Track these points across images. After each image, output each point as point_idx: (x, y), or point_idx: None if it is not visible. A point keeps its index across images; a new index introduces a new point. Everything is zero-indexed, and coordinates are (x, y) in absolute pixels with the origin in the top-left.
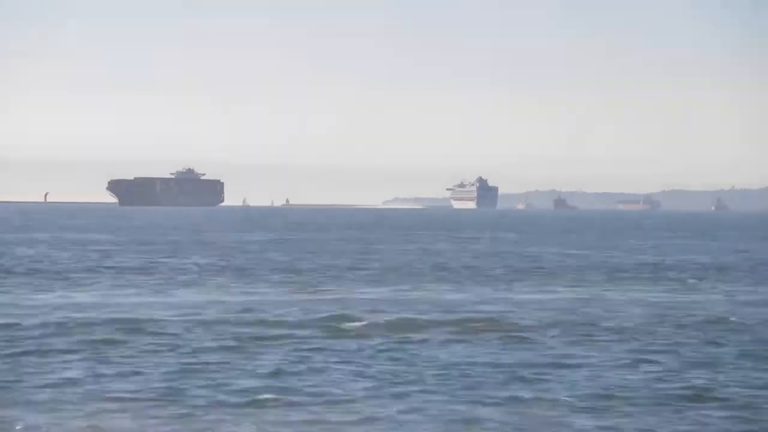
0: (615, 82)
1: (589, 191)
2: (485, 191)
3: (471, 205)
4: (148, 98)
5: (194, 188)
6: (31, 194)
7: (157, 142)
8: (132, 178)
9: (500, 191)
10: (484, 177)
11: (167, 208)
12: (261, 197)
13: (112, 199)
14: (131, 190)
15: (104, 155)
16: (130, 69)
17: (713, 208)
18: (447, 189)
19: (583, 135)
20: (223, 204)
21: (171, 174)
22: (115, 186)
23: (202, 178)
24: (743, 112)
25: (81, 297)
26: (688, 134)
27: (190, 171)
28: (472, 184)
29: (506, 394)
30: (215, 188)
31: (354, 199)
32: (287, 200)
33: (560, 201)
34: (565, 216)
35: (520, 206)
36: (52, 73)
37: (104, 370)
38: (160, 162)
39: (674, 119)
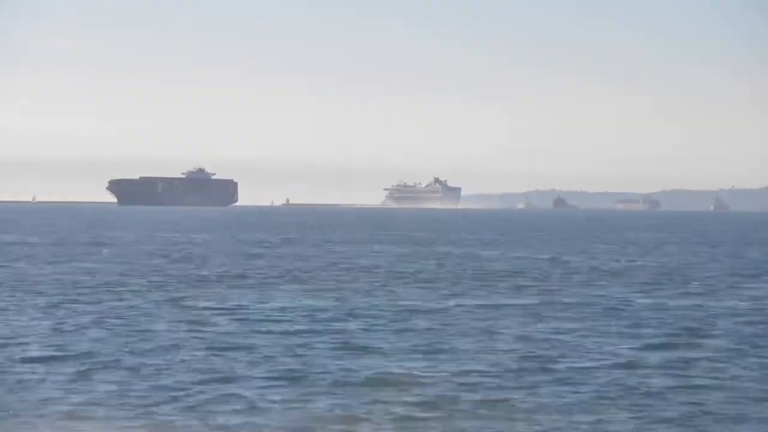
0: (615, 81)
1: (589, 191)
2: (448, 191)
3: (435, 205)
4: (160, 98)
5: (204, 188)
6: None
7: (172, 142)
8: (137, 177)
9: (500, 191)
10: (442, 178)
11: (169, 208)
12: (275, 196)
13: (112, 199)
14: (131, 190)
15: (115, 155)
16: (141, 69)
17: (712, 207)
18: (384, 189)
19: (584, 134)
20: (237, 204)
21: (182, 174)
22: (115, 186)
23: (212, 177)
24: (744, 112)
25: None
26: (689, 134)
27: (201, 171)
28: (430, 185)
29: None
30: (227, 188)
31: (354, 198)
32: (287, 200)
33: (560, 200)
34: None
35: (520, 206)
36: (57, 72)
37: None
38: (174, 162)
39: (674, 119)
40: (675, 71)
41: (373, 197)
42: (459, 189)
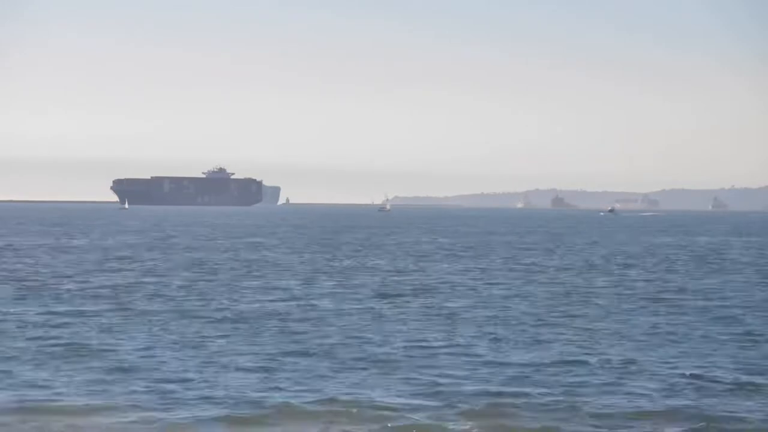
0: (615, 81)
1: (589, 190)
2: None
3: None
4: (173, 99)
5: (222, 188)
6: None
7: (203, 144)
8: (149, 177)
9: (501, 190)
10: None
11: (174, 207)
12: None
13: (115, 198)
14: (134, 190)
15: (135, 156)
16: (158, 69)
17: (710, 207)
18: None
19: (584, 133)
20: (260, 203)
21: (203, 173)
22: (118, 185)
23: (232, 177)
24: (744, 112)
25: None
26: (689, 133)
27: (221, 170)
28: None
29: None
30: (249, 188)
31: (353, 198)
32: (287, 199)
33: (558, 200)
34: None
35: (519, 205)
36: (71, 72)
37: None
38: (204, 162)
39: (674, 119)
40: (675, 71)
41: (372, 197)
42: (278, 188)
